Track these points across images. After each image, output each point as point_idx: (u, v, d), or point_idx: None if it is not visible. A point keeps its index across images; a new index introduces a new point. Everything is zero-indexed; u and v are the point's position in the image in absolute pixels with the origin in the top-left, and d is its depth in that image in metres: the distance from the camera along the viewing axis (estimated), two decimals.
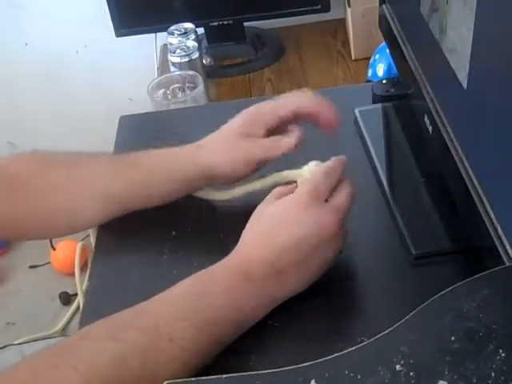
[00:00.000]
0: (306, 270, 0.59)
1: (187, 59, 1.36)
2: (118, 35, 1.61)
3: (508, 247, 0.49)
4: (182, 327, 0.54)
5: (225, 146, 0.70)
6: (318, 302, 0.62)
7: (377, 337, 0.43)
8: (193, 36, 1.42)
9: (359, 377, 0.40)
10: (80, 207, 0.70)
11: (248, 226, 0.61)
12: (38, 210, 0.70)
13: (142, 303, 0.57)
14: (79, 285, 0.99)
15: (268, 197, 0.63)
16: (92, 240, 0.77)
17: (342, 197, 0.61)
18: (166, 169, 0.70)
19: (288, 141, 0.68)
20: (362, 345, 0.43)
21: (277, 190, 0.64)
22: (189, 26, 1.44)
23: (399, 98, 0.87)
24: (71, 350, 0.53)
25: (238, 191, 0.71)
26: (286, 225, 0.59)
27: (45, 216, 0.71)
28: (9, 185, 0.70)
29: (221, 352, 0.57)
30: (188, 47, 1.37)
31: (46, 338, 1.60)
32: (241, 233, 0.62)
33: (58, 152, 0.74)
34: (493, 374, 0.38)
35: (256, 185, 0.70)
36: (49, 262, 1.95)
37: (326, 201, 0.61)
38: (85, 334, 0.55)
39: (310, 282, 0.60)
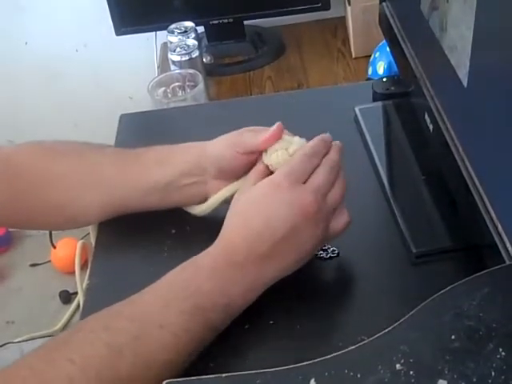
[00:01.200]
0: (289, 251, 0.58)
1: (187, 58, 1.35)
2: (118, 34, 1.60)
3: (508, 245, 0.49)
4: (171, 314, 0.55)
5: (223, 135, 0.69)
6: (318, 301, 0.62)
7: (377, 336, 0.43)
8: (193, 34, 1.42)
9: (359, 376, 0.40)
10: (82, 199, 0.70)
11: (228, 211, 0.61)
12: (40, 200, 0.71)
13: (133, 295, 0.57)
14: (79, 283, 0.99)
15: (246, 181, 0.63)
16: (92, 238, 0.77)
17: (318, 175, 0.60)
18: (163, 161, 0.70)
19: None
20: (361, 344, 0.43)
21: (253, 172, 0.64)
22: (189, 24, 1.44)
23: (400, 96, 0.87)
24: (65, 342, 0.54)
25: (213, 200, 0.69)
26: (260, 207, 0.59)
27: (47, 206, 0.71)
28: (12, 174, 0.70)
29: (220, 351, 0.57)
30: (188, 46, 1.37)
31: (45, 337, 1.60)
32: None
33: (64, 142, 0.74)
34: (493, 373, 0.38)
35: (227, 191, 0.68)
36: (49, 261, 1.96)
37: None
38: (78, 327, 0.56)
39: (296, 264, 0.59)
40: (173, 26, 1.44)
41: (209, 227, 0.72)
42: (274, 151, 0.63)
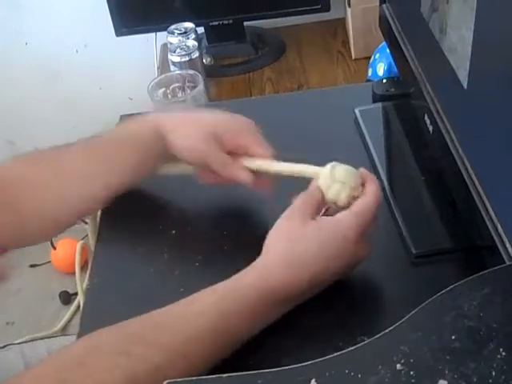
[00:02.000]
0: (324, 285, 0.60)
1: (187, 58, 1.36)
2: (118, 35, 1.60)
3: (508, 246, 0.49)
4: (197, 346, 0.54)
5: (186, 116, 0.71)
6: (318, 301, 0.61)
7: (377, 336, 0.43)
8: (193, 35, 1.42)
9: (359, 376, 0.40)
10: (66, 206, 0.70)
11: (275, 240, 0.59)
12: (24, 214, 0.68)
13: (155, 314, 0.55)
14: (79, 284, 0.99)
15: (296, 211, 0.60)
16: (91, 240, 0.77)
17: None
18: (128, 139, 0.72)
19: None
20: (362, 344, 0.43)
21: (305, 205, 0.61)
22: (189, 25, 1.44)
23: (399, 98, 0.87)
24: (80, 364, 0.50)
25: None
26: (328, 255, 0.58)
27: (30, 219, 0.69)
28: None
29: None
30: (188, 46, 1.37)
31: (46, 338, 1.60)
32: (241, 231, 0.61)
33: (46, 150, 0.72)
34: (493, 373, 0.38)
35: (271, 166, 0.68)
36: (49, 261, 1.95)
37: None
38: (94, 345, 0.53)
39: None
40: (173, 26, 1.44)
41: (209, 228, 0.73)
42: (327, 187, 0.62)
